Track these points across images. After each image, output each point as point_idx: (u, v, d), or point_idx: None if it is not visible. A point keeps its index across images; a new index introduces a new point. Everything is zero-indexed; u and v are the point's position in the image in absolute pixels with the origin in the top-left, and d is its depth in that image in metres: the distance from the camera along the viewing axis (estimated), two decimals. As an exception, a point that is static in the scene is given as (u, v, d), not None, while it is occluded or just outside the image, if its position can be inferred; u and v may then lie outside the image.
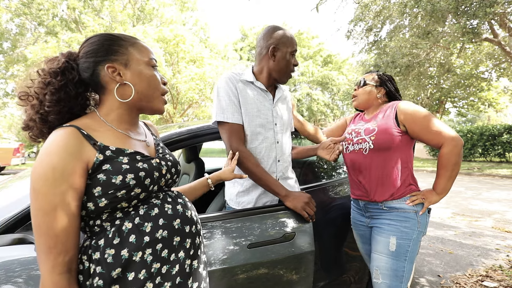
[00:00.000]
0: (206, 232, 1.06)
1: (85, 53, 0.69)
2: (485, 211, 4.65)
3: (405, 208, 1.25)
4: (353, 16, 10.60)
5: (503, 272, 2.46)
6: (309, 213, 1.17)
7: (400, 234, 1.22)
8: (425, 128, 1.22)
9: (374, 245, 1.30)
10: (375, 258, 1.28)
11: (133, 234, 0.63)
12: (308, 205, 1.17)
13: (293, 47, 1.25)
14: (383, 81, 1.41)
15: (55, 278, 0.56)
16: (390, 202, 1.27)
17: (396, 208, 1.26)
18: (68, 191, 0.58)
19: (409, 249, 1.22)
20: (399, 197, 1.26)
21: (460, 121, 34.87)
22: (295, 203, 1.16)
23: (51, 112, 0.65)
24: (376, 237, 1.29)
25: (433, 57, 11.52)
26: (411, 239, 1.22)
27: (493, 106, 15.89)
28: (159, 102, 0.75)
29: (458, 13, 7.23)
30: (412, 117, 1.23)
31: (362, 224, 1.41)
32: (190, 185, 1.00)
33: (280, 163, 1.25)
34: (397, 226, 1.24)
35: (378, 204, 1.30)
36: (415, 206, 1.25)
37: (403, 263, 1.21)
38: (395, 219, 1.25)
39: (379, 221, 1.30)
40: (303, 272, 1.16)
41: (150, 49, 0.76)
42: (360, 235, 1.44)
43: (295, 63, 1.27)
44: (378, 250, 1.27)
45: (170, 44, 12.86)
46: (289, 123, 1.37)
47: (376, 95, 1.41)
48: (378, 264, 1.26)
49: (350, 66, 24.35)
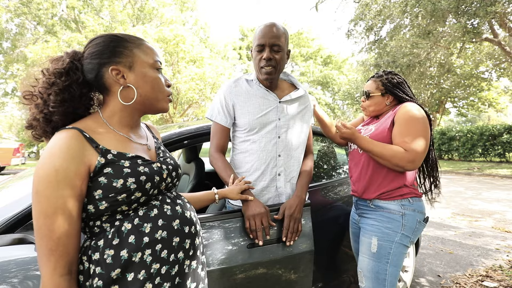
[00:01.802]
0: (205, 232, 1.06)
1: (89, 54, 0.69)
2: (485, 211, 4.65)
3: (391, 208, 1.23)
4: (353, 16, 10.60)
5: (503, 272, 2.46)
6: (251, 226, 1.06)
7: (381, 235, 1.20)
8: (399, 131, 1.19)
9: (361, 245, 1.28)
10: (360, 260, 1.27)
11: (132, 234, 0.63)
12: (253, 218, 1.06)
13: (257, 41, 1.16)
14: (388, 88, 1.34)
15: (56, 280, 0.56)
16: (378, 201, 1.26)
17: (382, 208, 1.25)
18: (70, 193, 0.58)
19: (391, 252, 1.18)
20: (386, 198, 1.24)
21: (460, 121, 34.86)
22: (246, 209, 1.10)
23: (55, 113, 0.65)
24: (361, 238, 1.29)
25: (433, 57, 11.52)
26: (393, 241, 1.19)
27: (493, 106, 15.89)
28: (163, 103, 0.75)
29: (458, 13, 7.23)
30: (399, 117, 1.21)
31: (354, 222, 1.42)
32: (195, 195, 1.01)
33: (281, 158, 1.24)
34: (379, 226, 1.22)
35: (367, 201, 1.30)
36: (401, 209, 1.21)
37: (385, 265, 1.18)
38: (378, 218, 1.24)
39: (365, 221, 1.30)
40: (302, 272, 1.16)
41: (156, 50, 0.75)
42: (352, 233, 1.46)
43: (264, 57, 1.15)
44: (362, 251, 1.26)
45: (170, 44, 12.85)
46: (301, 121, 1.30)
47: (385, 103, 1.36)
48: (361, 265, 1.25)
49: (350, 66, 24.34)
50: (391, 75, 1.36)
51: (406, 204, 1.23)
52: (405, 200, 1.24)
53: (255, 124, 1.21)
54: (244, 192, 1.11)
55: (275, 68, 1.18)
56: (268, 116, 1.22)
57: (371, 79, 1.41)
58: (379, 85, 1.36)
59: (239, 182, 1.12)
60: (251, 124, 1.22)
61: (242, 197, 1.09)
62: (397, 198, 1.23)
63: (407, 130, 1.18)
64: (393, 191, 1.24)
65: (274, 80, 1.24)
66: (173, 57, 13.66)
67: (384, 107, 1.37)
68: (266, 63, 1.16)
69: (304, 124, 1.32)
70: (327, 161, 2.20)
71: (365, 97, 1.40)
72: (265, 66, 1.17)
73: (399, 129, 1.20)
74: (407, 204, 1.23)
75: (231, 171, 1.18)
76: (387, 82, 1.34)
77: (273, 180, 1.23)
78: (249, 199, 1.10)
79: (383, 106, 1.37)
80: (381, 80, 1.36)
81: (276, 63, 1.18)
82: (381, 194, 1.25)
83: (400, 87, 1.34)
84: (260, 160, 1.22)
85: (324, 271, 1.47)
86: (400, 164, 1.15)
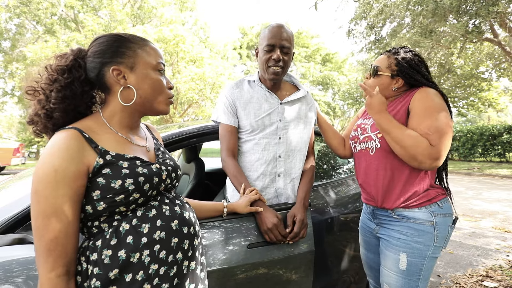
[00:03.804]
0: (205, 232, 1.06)
1: (93, 52, 0.69)
2: (486, 211, 4.64)
3: (419, 218, 1.02)
4: (353, 15, 10.59)
5: (503, 272, 2.46)
6: (271, 239, 1.07)
7: (411, 251, 1.02)
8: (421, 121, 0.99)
9: (383, 259, 1.11)
10: (385, 274, 1.10)
11: (130, 235, 0.63)
12: (270, 231, 1.06)
13: (266, 41, 1.16)
14: (402, 69, 1.10)
15: (54, 281, 0.56)
16: (402, 210, 1.06)
17: (408, 218, 1.05)
18: (69, 194, 0.58)
19: (423, 268, 1.02)
20: (412, 206, 1.04)
21: (460, 121, 34.86)
22: (260, 223, 1.09)
23: (57, 109, 0.65)
24: (385, 251, 1.11)
25: (433, 57, 11.52)
26: (425, 256, 1.01)
27: (493, 106, 15.89)
28: (164, 105, 0.75)
29: (460, 12, 7.22)
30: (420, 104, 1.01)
31: (369, 231, 1.23)
32: (202, 204, 1.00)
33: (281, 159, 1.24)
34: (407, 241, 1.03)
35: (388, 211, 1.10)
36: (432, 216, 1.02)
37: (415, 282, 1.03)
38: (405, 231, 1.04)
39: (387, 232, 1.11)
40: (302, 272, 1.15)
41: (159, 52, 0.75)
42: (365, 241, 1.28)
43: (274, 58, 1.16)
44: (387, 266, 1.08)
45: (169, 44, 12.83)
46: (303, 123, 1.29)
47: (392, 88, 1.13)
48: (388, 281, 1.09)
49: (350, 66, 24.33)
50: (410, 54, 1.12)
51: (436, 210, 1.04)
52: (434, 205, 1.04)
53: (257, 126, 1.22)
54: (254, 203, 1.11)
55: (283, 69, 1.20)
56: (269, 118, 1.23)
57: (385, 53, 1.17)
58: (392, 64, 1.12)
59: (249, 193, 1.12)
60: (253, 126, 1.22)
61: (252, 209, 1.09)
62: (425, 204, 1.04)
63: (432, 121, 0.97)
64: (419, 197, 1.04)
65: (278, 81, 1.25)
66: (172, 57, 13.64)
67: (389, 93, 1.15)
68: (275, 63, 1.17)
69: (306, 126, 1.31)
70: (327, 161, 2.20)
71: (371, 73, 1.17)
72: (273, 66, 1.18)
73: (421, 119, 0.99)
74: (436, 209, 1.04)
75: (243, 179, 1.17)
76: (404, 61, 1.10)
77: (272, 181, 1.23)
78: (259, 211, 1.09)
79: (389, 91, 1.15)
80: (396, 58, 1.11)
81: (284, 64, 1.19)
82: (406, 202, 1.05)
83: (418, 69, 1.10)
84: (260, 161, 1.22)
85: (324, 271, 1.47)
86: (420, 158, 0.96)
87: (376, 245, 1.22)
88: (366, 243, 1.27)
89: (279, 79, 1.23)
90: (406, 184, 1.06)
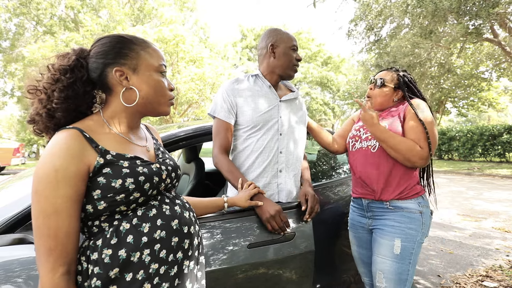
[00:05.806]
0: (205, 232, 1.06)
1: (95, 53, 0.69)
2: (486, 211, 4.64)
3: (410, 208, 1.21)
4: (353, 16, 10.60)
5: (503, 272, 2.46)
6: (274, 227, 1.09)
7: (404, 236, 1.18)
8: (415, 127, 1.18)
9: (377, 248, 1.24)
10: (378, 262, 1.23)
11: (130, 234, 0.63)
12: (273, 219, 1.08)
13: (292, 42, 1.29)
14: (402, 83, 1.31)
15: (54, 280, 0.56)
16: (396, 201, 1.23)
17: (401, 208, 1.22)
18: (70, 193, 0.58)
19: (413, 252, 1.18)
20: (405, 197, 1.22)
21: (460, 121, 34.85)
22: (261, 213, 1.11)
23: (59, 109, 0.65)
24: (379, 240, 1.24)
25: (433, 57, 11.52)
26: (415, 241, 1.18)
27: (493, 106, 15.89)
28: (165, 107, 0.75)
29: (460, 13, 7.22)
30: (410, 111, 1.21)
31: (361, 227, 1.36)
32: (202, 200, 1.00)
33: (282, 155, 1.26)
34: (401, 227, 1.19)
35: (384, 203, 1.25)
36: (419, 206, 1.21)
37: (407, 266, 1.17)
38: (399, 219, 1.21)
39: (381, 222, 1.25)
40: (302, 272, 1.15)
41: (161, 54, 0.75)
42: (356, 238, 1.39)
43: (298, 58, 1.30)
44: (381, 253, 1.21)
45: (169, 44, 12.83)
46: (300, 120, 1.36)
47: (393, 98, 1.33)
48: (382, 267, 1.21)
49: (351, 66, 24.34)
50: (405, 72, 1.35)
51: (422, 201, 1.23)
52: (420, 197, 1.24)
53: (258, 121, 1.23)
54: (254, 197, 1.11)
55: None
56: (271, 113, 1.25)
57: (385, 70, 1.37)
58: (395, 78, 1.32)
59: (248, 187, 1.12)
60: (254, 121, 1.23)
61: (252, 203, 1.09)
62: (414, 197, 1.23)
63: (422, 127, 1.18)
64: (410, 190, 1.23)
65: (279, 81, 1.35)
66: (172, 57, 13.64)
67: (390, 102, 1.34)
68: (298, 63, 1.31)
69: (301, 123, 1.37)
70: (327, 161, 2.20)
71: (376, 85, 1.34)
72: (296, 65, 1.31)
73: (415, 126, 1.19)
74: (422, 201, 1.24)
75: (239, 174, 1.18)
76: (403, 77, 1.32)
77: (274, 176, 1.25)
78: (259, 205, 1.09)
79: (390, 101, 1.34)
80: (397, 74, 1.33)
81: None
82: (400, 194, 1.22)
83: (413, 85, 1.33)
84: (262, 157, 1.23)
85: (324, 271, 1.47)
86: (413, 159, 1.16)
87: (368, 240, 1.34)
88: (358, 240, 1.39)
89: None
90: (401, 179, 1.24)
